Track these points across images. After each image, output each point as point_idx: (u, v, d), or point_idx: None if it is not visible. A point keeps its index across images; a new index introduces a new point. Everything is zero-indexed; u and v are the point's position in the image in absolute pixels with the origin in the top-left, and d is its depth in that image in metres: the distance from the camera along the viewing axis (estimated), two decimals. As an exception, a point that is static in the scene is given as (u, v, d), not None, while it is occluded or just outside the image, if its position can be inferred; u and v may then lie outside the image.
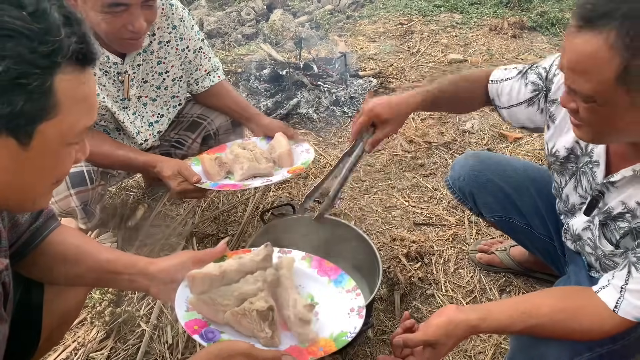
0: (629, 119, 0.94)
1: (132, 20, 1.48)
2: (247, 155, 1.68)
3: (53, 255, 1.05)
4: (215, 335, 0.99)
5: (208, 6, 4.67)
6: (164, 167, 1.66)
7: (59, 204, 1.65)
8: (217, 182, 1.67)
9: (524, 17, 4.09)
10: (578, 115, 1.00)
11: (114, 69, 1.67)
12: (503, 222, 1.59)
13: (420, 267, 1.85)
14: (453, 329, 1.09)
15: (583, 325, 1.07)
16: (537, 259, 1.72)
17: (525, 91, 1.32)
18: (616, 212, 1.12)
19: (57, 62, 0.69)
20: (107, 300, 1.67)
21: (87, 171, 1.65)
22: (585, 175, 1.19)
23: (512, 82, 1.35)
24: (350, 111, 2.91)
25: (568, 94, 1.00)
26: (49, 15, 0.69)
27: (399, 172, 2.43)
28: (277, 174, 1.69)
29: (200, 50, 1.86)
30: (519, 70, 1.36)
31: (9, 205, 0.81)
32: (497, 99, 1.40)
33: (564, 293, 1.18)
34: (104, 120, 1.74)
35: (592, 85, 0.91)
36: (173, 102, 1.88)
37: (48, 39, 0.68)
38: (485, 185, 1.55)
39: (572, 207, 1.27)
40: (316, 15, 4.35)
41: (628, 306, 1.03)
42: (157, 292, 1.07)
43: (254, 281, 1.02)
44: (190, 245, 2.01)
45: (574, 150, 1.22)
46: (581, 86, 0.93)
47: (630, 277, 1.04)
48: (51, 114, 0.71)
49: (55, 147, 0.75)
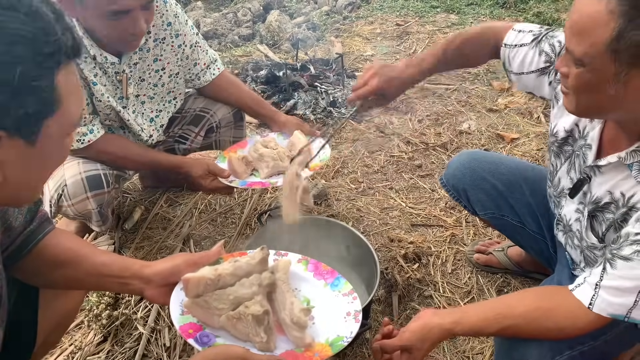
0: (612, 92, 0.94)
1: (133, 24, 1.50)
2: (271, 155, 1.73)
3: (47, 258, 1.04)
4: (210, 339, 0.98)
5: (204, 7, 4.66)
6: (193, 168, 1.74)
7: (76, 207, 1.66)
8: (245, 180, 1.73)
9: (520, 17, 4.10)
10: (567, 81, 1.01)
11: (112, 68, 1.67)
12: (496, 220, 1.59)
13: (418, 268, 1.85)
14: (427, 333, 1.11)
15: (558, 324, 1.06)
16: (534, 259, 1.72)
17: (539, 60, 1.29)
18: (603, 202, 1.12)
19: (60, 61, 0.71)
20: (104, 303, 1.67)
21: (103, 174, 1.67)
22: (579, 158, 1.20)
23: (527, 50, 1.31)
24: (347, 112, 2.90)
25: (564, 57, 1.01)
26: (44, 14, 0.70)
27: (397, 173, 2.43)
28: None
29: (196, 44, 1.86)
30: (535, 36, 1.31)
31: (11, 201, 0.82)
32: (507, 62, 1.37)
33: (539, 293, 1.18)
34: (109, 120, 1.75)
35: (585, 48, 0.92)
36: (169, 97, 1.89)
37: (49, 39, 0.69)
38: (478, 183, 1.56)
39: (561, 191, 1.27)
40: (313, 17, 4.35)
41: (602, 303, 1.03)
42: (152, 295, 1.07)
43: (249, 285, 1.01)
44: (188, 247, 2.00)
45: (573, 132, 1.22)
46: (575, 47, 0.94)
47: (605, 273, 1.03)
48: (55, 110, 0.72)
49: (58, 139, 0.76)
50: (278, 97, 2.96)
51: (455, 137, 2.67)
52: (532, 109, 2.89)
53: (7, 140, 0.69)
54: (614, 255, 1.02)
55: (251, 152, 1.79)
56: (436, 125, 2.79)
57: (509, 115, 2.86)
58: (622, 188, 1.06)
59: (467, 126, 2.74)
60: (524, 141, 2.63)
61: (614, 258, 1.02)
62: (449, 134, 2.69)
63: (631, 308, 1.00)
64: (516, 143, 2.62)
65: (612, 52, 0.90)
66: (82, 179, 1.63)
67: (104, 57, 1.62)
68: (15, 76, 0.66)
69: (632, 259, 0.99)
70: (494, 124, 2.77)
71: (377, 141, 2.66)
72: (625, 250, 1.00)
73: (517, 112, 2.88)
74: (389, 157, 2.54)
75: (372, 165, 2.48)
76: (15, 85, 0.66)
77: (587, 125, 1.18)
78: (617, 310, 1.02)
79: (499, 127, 2.75)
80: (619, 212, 1.07)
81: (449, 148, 2.58)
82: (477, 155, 1.63)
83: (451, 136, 2.67)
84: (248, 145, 1.87)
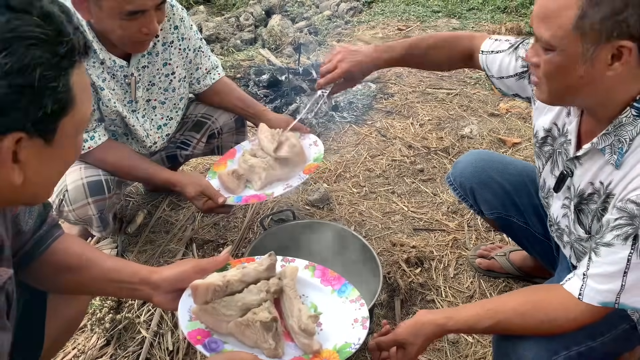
0: (581, 72, 0.98)
1: (147, 24, 1.50)
2: (262, 165, 1.68)
3: (56, 263, 1.05)
4: (218, 346, 0.99)
5: (207, 12, 4.68)
6: (186, 188, 1.68)
7: (77, 212, 1.66)
8: (240, 196, 1.67)
9: (521, 22, 4.12)
10: (538, 71, 1.04)
11: (121, 72, 1.67)
12: (502, 220, 1.60)
13: (420, 273, 1.86)
14: (420, 327, 1.13)
15: (549, 315, 1.07)
16: (536, 264, 1.73)
17: (516, 65, 1.36)
18: (587, 194, 1.14)
19: (74, 61, 0.73)
20: (107, 307, 1.67)
21: (104, 180, 1.67)
22: (560, 155, 1.22)
23: (503, 56, 1.39)
24: (349, 116, 2.92)
25: (533, 47, 1.05)
26: (55, 15, 0.71)
27: (399, 177, 2.44)
28: (295, 177, 1.68)
29: (199, 49, 1.87)
30: (511, 44, 1.39)
31: (29, 200, 0.84)
32: (487, 69, 1.44)
33: (532, 289, 1.20)
34: (113, 125, 1.75)
35: (553, 31, 0.97)
36: (181, 104, 1.89)
37: (62, 39, 0.70)
38: (486, 181, 1.57)
39: (548, 190, 1.28)
40: (315, 21, 4.36)
41: (591, 291, 1.03)
42: (159, 301, 1.07)
43: (257, 291, 1.02)
44: (190, 251, 2.01)
45: (552, 131, 1.24)
46: (543, 32, 0.98)
47: (590, 262, 1.04)
48: (70, 109, 0.74)
49: (72, 137, 0.78)
50: (280, 101, 2.97)
51: (457, 141, 2.68)
52: (533, 113, 2.90)
53: (27, 141, 0.70)
54: (598, 244, 1.04)
55: (241, 164, 1.73)
56: (438, 129, 2.80)
57: (511, 120, 2.87)
58: (601, 177, 1.09)
59: (468, 130, 2.75)
60: (526, 145, 2.64)
61: (597, 247, 1.04)
62: (450, 139, 2.70)
63: (619, 293, 1.01)
64: (518, 147, 2.63)
65: (578, 31, 0.94)
66: (84, 184, 1.63)
67: (112, 60, 1.63)
68: (35, 79, 0.67)
69: (614, 243, 1.01)
70: (496, 129, 2.78)
71: (379, 145, 2.67)
72: (606, 237, 1.02)
73: (519, 116, 2.89)
74: (390, 161, 2.55)
75: (374, 169, 2.49)
76: (35, 87, 0.67)
77: (565, 121, 1.20)
78: (606, 297, 1.03)
79: (500, 131, 2.76)
80: (600, 200, 1.10)
81: (450, 152, 2.59)
82: (485, 155, 1.64)
83: (453, 140, 2.68)
84: (237, 153, 1.82)
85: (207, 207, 1.67)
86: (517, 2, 4.52)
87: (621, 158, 1.03)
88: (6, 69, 0.65)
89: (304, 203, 2.24)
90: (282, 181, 1.68)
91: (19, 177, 0.72)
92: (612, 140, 1.04)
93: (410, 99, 3.10)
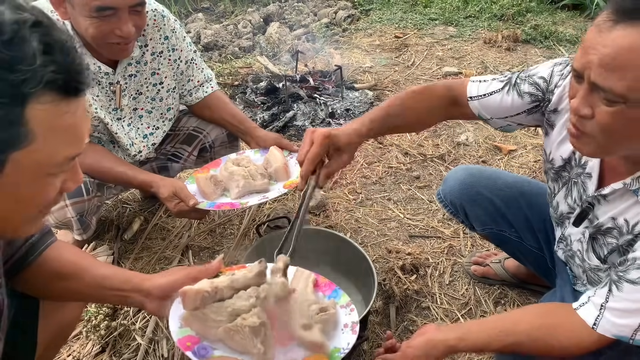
0: None
1: (120, 25, 1.49)
2: (242, 173, 1.67)
3: (49, 270, 1.05)
4: (207, 352, 0.99)
5: (205, 19, 4.71)
6: (160, 188, 1.66)
7: (55, 215, 1.66)
8: (214, 202, 1.65)
9: (517, 30, 4.14)
10: (585, 123, 0.96)
11: (106, 79, 1.68)
12: (494, 235, 1.60)
13: (415, 280, 1.86)
14: (431, 349, 1.12)
15: (561, 342, 1.07)
16: (531, 272, 1.73)
17: (522, 102, 1.27)
18: (605, 227, 1.13)
19: (28, 92, 0.66)
20: (103, 314, 1.67)
21: (82, 182, 1.65)
22: (577, 186, 1.20)
23: (502, 96, 1.29)
24: (346, 124, 2.93)
25: (586, 97, 0.94)
26: (26, 43, 0.66)
27: (395, 184, 2.44)
28: (274, 190, 1.68)
29: (192, 61, 1.87)
30: (503, 81, 1.30)
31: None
32: (484, 113, 1.34)
33: (543, 310, 1.18)
34: (97, 132, 1.75)
35: (627, 83, 0.87)
36: (169, 115, 1.89)
37: (19, 67, 0.65)
38: (475, 198, 1.56)
39: (561, 215, 1.28)
40: (312, 29, 4.39)
41: (607, 324, 1.03)
42: (152, 308, 1.07)
43: (247, 297, 1.02)
44: (186, 258, 2.01)
45: (570, 160, 1.23)
46: (614, 84, 0.88)
47: (610, 295, 1.04)
48: (23, 143, 0.68)
49: (31, 176, 0.72)
50: (277, 109, 2.99)
51: (452, 148, 2.69)
52: (529, 121, 2.91)
53: None
54: (620, 277, 1.03)
55: (222, 171, 1.72)
56: (434, 136, 2.81)
57: (507, 127, 2.88)
58: (627, 215, 1.07)
59: (464, 138, 2.76)
60: (521, 153, 2.65)
61: (620, 280, 1.03)
62: (446, 146, 2.71)
63: (636, 329, 1.01)
64: (513, 155, 2.65)
65: None
66: None
67: (97, 66, 1.63)
68: None
69: (639, 282, 1.00)
70: (492, 136, 2.79)
71: (375, 152, 2.68)
72: (632, 274, 1.01)
73: (515, 124, 2.90)
74: (387, 168, 2.56)
75: (371, 176, 2.50)
76: None
77: None
78: (622, 332, 1.02)
79: (496, 138, 2.77)
80: (623, 238, 1.08)
81: (446, 159, 2.60)
82: (474, 171, 1.63)
83: (449, 148, 2.69)
84: (221, 164, 1.80)
85: (179, 209, 1.63)
86: (514, 10, 4.56)
87: None
88: None
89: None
90: (260, 193, 1.67)
91: None
92: None
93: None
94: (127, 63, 1.70)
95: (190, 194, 1.64)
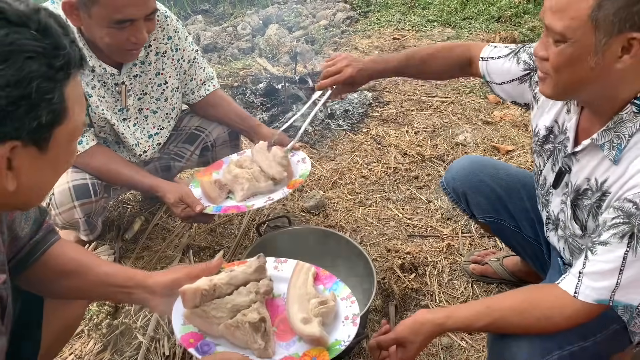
0: (591, 63, 1.00)
1: (135, 33, 1.52)
2: (245, 175, 1.67)
3: (52, 268, 1.06)
4: (210, 348, 1.00)
5: (204, 21, 4.72)
6: (167, 194, 1.68)
7: (63, 216, 1.67)
8: (220, 205, 1.67)
9: (515, 31, 4.16)
10: (546, 65, 1.05)
11: (112, 80, 1.70)
12: (494, 223, 1.62)
13: (414, 278, 1.87)
14: (419, 327, 1.15)
15: (545, 313, 1.09)
16: (529, 269, 1.74)
17: (517, 69, 1.38)
18: (582, 189, 1.16)
19: (69, 73, 0.75)
20: (104, 312, 1.68)
21: (91, 184, 1.68)
22: (560, 152, 1.24)
23: (504, 61, 1.41)
24: (345, 124, 2.95)
25: (542, 41, 1.06)
26: (53, 29, 0.73)
27: (394, 184, 2.46)
28: (278, 191, 1.68)
29: (194, 60, 1.89)
30: (511, 50, 1.42)
31: (23, 205, 0.86)
32: (487, 75, 1.47)
33: (528, 288, 1.22)
34: (103, 132, 1.77)
35: (567, 22, 0.98)
36: (173, 114, 1.91)
37: (59, 53, 0.73)
38: (478, 186, 1.59)
39: (548, 188, 1.31)
40: (311, 30, 4.41)
41: (587, 289, 1.05)
42: (154, 305, 1.09)
43: (247, 293, 1.03)
44: (187, 257, 2.02)
45: (553, 129, 1.27)
46: (556, 24, 1.00)
47: (587, 260, 1.06)
48: (64, 119, 0.76)
49: (66, 145, 0.81)
50: (277, 110, 3.00)
51: (451, 149, 2.71)
52: (527, 121, 2.93)
53: (21, 149, 0.73)
54: (594, 243, 1.06)
55: (225, 174, 1.73)
56: (432, 137, 2.83)
57: (505, 128, 2.90)
58: (597, 173, 1.11)
59: (463, 138, 2.78)
60: (519, 153, 2.67)
61: (594, 245, 1.06)
62: (445, 146, 2.73)
63: (614, 290, 1.03)
64: (511, 155, 2.66)
65: (593, 22, 0.96)
66: (70, 187, 1.64)
67: (102, 68, 1.65)
68: (32, 91, 0.70)
69: (610, 242, 1.03)
70: (490, 136, 2.81)
71: (374, 153, 2.70)
72: (603, 236, 1.04)
73: (513, 124, 2.92)
74: (386, 168, 2.57)
75: (370, 176, 2.51)
76: (31, 99, 0.70)
77: (565, 118, 1.22)
78: (601, 295, 1.04)
79: (494, 139, 2.79)
80: (594, 197, 1.12)
81: (445, 160, 2.61)
82: (478, 160, 1.68)
83: (447, 148, 2.71)
84: (224, 165, 1.81)
85: (185, 214, 1.66)
86: (512, 12, 4.57)
87: (619, 154, 1.05)
88: (4, 81, 0.68)
89: (299, 210, 2.27)
90: (265, 194, 1.68)
91: (12, 183, 0.75)
92: (612, 137, 1.06)
93: (406, 107, 3.13)
94: (131, 64, 1.72)
95: (196, 200, 1.65)
